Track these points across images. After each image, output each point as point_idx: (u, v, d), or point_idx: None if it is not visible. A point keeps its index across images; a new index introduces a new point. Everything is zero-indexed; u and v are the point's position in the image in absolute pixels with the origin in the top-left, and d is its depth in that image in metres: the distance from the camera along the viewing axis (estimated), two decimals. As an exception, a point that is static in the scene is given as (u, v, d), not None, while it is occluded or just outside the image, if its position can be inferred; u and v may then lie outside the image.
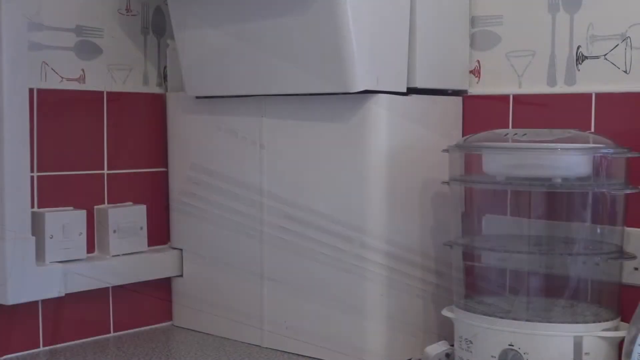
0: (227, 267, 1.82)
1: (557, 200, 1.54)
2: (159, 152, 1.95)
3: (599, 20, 1.61)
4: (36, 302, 1.71)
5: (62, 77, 1.78)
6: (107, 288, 1.83)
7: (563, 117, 1.64)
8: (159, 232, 1.95)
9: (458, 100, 1.76)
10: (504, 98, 1.72)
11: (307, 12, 1.56)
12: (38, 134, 1.73)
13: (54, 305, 1.74)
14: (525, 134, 1.51)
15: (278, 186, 1.72)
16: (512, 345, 1.41)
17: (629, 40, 1.57)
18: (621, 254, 1.48)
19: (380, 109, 1.58)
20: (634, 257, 1.48)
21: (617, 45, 1.59)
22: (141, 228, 1.88)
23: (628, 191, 1.48)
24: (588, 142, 1.50)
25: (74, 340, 1.79)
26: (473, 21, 1.77)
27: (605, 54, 1.60)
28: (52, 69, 1.76)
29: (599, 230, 1.51)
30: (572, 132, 1.51)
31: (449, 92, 1.75)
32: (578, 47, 1.63)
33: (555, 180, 1.45)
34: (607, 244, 1.50)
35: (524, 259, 1.52)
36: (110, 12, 1.86)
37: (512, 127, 1.71)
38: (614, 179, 1.48)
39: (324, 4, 1.52)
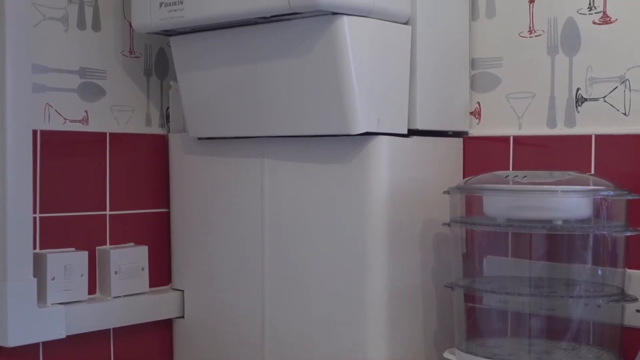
0: (228, 309, 1.82)
1: (558, 242, 1.54)
2: (161, 193, 1.95)
3: (598, 63, 1.62)
4: (37, 344, 1.71)
5: (66, 119, 1.80)
6: (109, 329, 1.83)
7: (563, 158, 1.65)
8: (161, 273, 1.95)
9: (459, 141, 1.77)
10: (505, 139, 1.73)
11: (308, 54, 1.57)
12: (41, 175, 1.74)
13: (55, 347, 1.74)
14: (525, 176, 1.52)
15: (280, 227, 1.72)
16: (514, 388, 1.41)
17: (627, 82, 1.59)
18: (623, 297, 1.48)
19: (381, 151, 1.59)
20: (635, 300, 1.48)
21: (616, 88, 1.60)
22: (142, 269, 1.88)
23: (629, 233, 1.48)
24: (588, 184, 1.50)
25: (74, 382, 1.79)
26: (473, 63, 1.79)
27: (605, 96, 1.62)
28: (56, 110, 1.78)
29: (600, 272, 1.51)
30: (572, 174, 1.52)
31: (450, 133, 1.76)
32: (577, 89, 1.65)
33: (555, 222, 1.45)
34: (608, 286, 1.50)
35: (526, 301, 1.52)
36: (113, 54, 1.88)
37: (513, 168, 1.71)
38: (615, 221, 1.48)
39: (326, 46, 1.54)
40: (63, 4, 1.78)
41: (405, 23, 1.64)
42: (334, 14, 1.51)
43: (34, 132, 1.70)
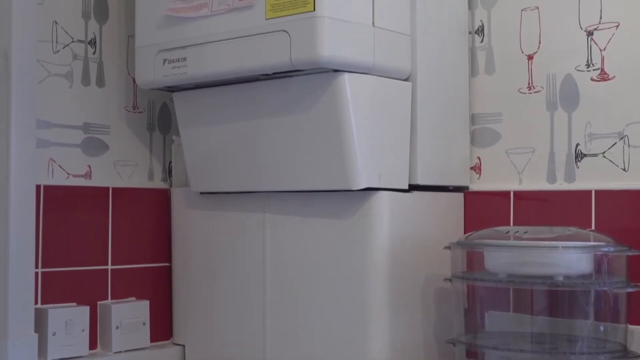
0: (229, 364, 1.82)
1: (559, 298, 1.54)
2: (163, 247, 1.96)
3: (597, 119, 1.64)
4: (37, 399, 1.70)
5: (69, 174, 1.81)
6: (109, 385, 1.82)
7: (563, 213, 1.66)
8: (162, 328, 1.94)
9: (459, 196, 1.78)
10: (505, 194, 1.74)
11: (309, 110, 1.59)
12: (43, 230, 1.75)
13: (55, 403, 1.73)
14: (526, 232, 1.53)
15: (281, 282, 1.72)
16: None
17: (626, 138, 1.60)
18: (625, 353, 1.47)
19: (382, 206, 1.60)
20: (637, 356, 1.48)
21: (615, 144, 1.61)
22: (144, 324, 1.87)
23: (630, 289, 1.48)
24: (589, 240, 1.51)
25: None
26: (473, 118, 1.81)
27: (604, 152, 1.63)
28: (59, 165, 1.79)
29: (602, 328, 1.50)
30: (573, 230, 1.53)
31: (451, 188, 1.77)
32: (577, 145, 1.66)
33: (556, 278, 1.46)
34: (610, 342, 1.49)
35: (528, 358, 1.51)
36: (117, 109, 1.90)
37: (514, 222, 1.72)
38: (616, 276, 1.48)
39: (327, 103, 1.56)
40: (68, 61, 1.81)
41: (406, 79, 1.66)
42: (335, 71, 1.53)
43: (38, 187, 1.71)
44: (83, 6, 1.84)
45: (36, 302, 1.71)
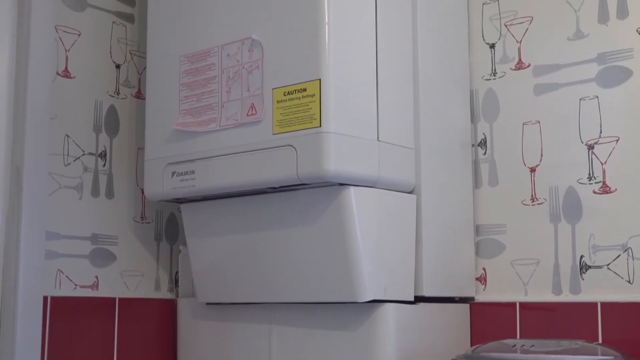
0: None
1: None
2: (169, 357, 1.95)
3: (600, 231, 1.65)
4: None
5: (76, 285, 1.82)
6: None
7: (569, 325, 1.66)
8: None
9: (465, 307, 1.78)
10: (511, 305, 1.74)
11: (315, 223, 1.61)
12: (49, 340, 1.74)
13: None
14: (533, 345, 1.52)
15: (287, 395, 1.71)
16: None
17: (630, 251, 1.61)
18: None
19: (388, 319, 1.60)
20: None
21: (619, 256, 1.62)
22: None
23: (639, 404, 1.47)
24: (596, 354, 1.49)
25: None
26: (477, 230, 1.82)
27: (608, 264, 1.64)
28: (67, 276, 1.80)
29: None
30: (580, 344, 1.52)
31: (456, 299, 1.77)
32: (581, 257, 1.67)
33: (564, 394, 1.44)
34: None
35: None
36: (125, 220, 1.93)
37: (520, 334, 1.71)
38: (624, 391, 1.47)
39: (333, 216, 1.57)
40: (78, 173, 1.84)
41: (410, 192, 1.69)
42: (341, 184, 1.56)
43: (45, 298, 1.72)
44: (94, 120, 1.88)
45: (39, 415, 1.70)
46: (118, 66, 1.94)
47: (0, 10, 1.73)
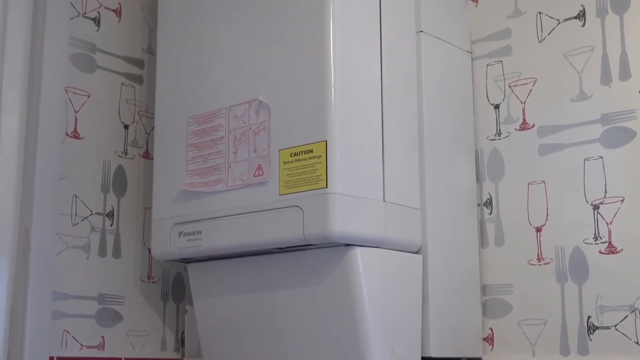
0: None
1: None
2: (174, 419, 1.94)
3: (607, 292, 1.65)
4: None
5: (82, 345, 1.81)
6: None
7: (578, 386, 1.65)
8: None
9: (473, 368, 1.77)
10: (519, 366, 1.73)
11: (322, 283, 1.61)
12: (54, 403, 1.74)
13: None
14: (541, 407, 1.51)
15: None
16: None
17: (637, 311, 1.61)
18: None
19: (395, 380, 1.59)
20: None
21: (626, 317, 1.62)
22: None
23: None
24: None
25: None
26: (484, 289, 1.82)
27: (616, 325, 1.63)
28: (73, 336, 1.80)
29: None
30: (588, 406, 1.51)
31: (464, 360, 1.77)
32: (589, 317, 1.66)
33: None
34: None
35: None
36: (132, 279, 1.93)
37: (529, 395, 1.71)
38: None
39: (339, 276, 1.57)
40: (86, 233, 1.85)
41: (417, 252, 1.69)
42: (347, 245, 1.56)
43: (50, 358, 1.72)
44: (102, 180, 1.90)
45: None
46: (126, 126, 1.97)
47: (11, 72, 1.76)
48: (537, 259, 1.75)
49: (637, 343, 1.60)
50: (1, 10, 1.77)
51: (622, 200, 1.66)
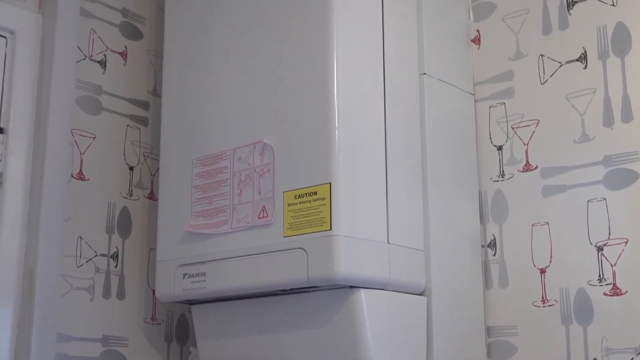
0: None
1: None
2: None
3: (612, 334, 1.64)
4: None
5: (85, 387, 1.81)
6: None
7: None
8: None
9: (478, 410, 1.76)
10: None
11: (326, 325, 1.60)
12: None
13: None
14: None
15: None
16: None
17: (643, 354, 1.60)
18: None
19: (400, 423, 1.58)
20: None
21: (632, 359, 1.61)
22: None
23: None
24: None
25: None
26: (488, 331, 1.82)
27: (622, 368, 1.63)
28: (78, 377, 1.80)
29: None
30: None
31: (469, 402, 1.75)
32: (594, 360, 1.66)
33: None
34: None
35: None
36: (136, 321, 1.92)
37: None
38: None
39: (343, 318, 1.57)
40: (90, 274, 1.85)
41: (421, 294, 1.69)
42: (352, 287, 1.57)
43: (55, 400, 1.72)
44: (107, 221, 1.91)
45: None
46: (131, 168, 1.98)
47: (18, 113, 1.77)
48: (542, 300, 1.75)
49: (643, 386, 1.59)
50: (9, 52, 1.79)
51: (626, 242, 1.66)
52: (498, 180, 1.87)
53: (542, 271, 1.76)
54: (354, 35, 1.65)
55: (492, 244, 1.85)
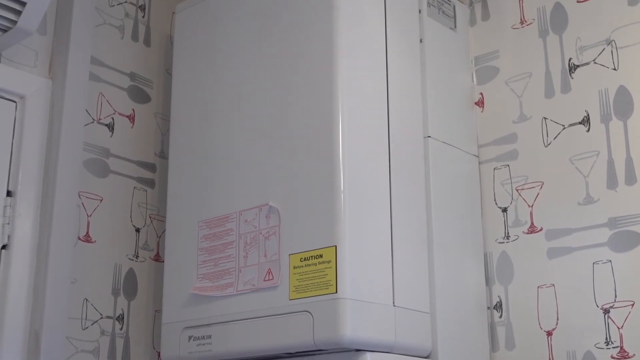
0: None
1: None
2: None
3: (620, 396, 1.64)
4: None
5: None
6: None
7: None
8: None
9: None
10: None
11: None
12: None
13: None
14: None
15: None
16: None
17: (651, 418, 1.59)
18: None
19: None
20: None
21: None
22: None
23: None
24: None
25: None
26: (494, 370, 1.81)
27: None
28: None
29: None
30: None
31: None
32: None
33: None
34: None
35: None
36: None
37: None
38: None
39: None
40: (96, 337, 1.85)
41: (427, 357, 1.68)
42: (357, 350, 1.56)
43: None
44: (113, 283, 1.91)
45: None
46: (138, 230, 1.99)
47: (26, 176, 1.79)
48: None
49: None
50: (19, 116, 1.81)
51: (633, 304, 1.65)
52: (503, 242, 1.87)
53: (549, 334, 1.75)
54: (359, 99, 1.67)
55: (498, 306, 1.84)
